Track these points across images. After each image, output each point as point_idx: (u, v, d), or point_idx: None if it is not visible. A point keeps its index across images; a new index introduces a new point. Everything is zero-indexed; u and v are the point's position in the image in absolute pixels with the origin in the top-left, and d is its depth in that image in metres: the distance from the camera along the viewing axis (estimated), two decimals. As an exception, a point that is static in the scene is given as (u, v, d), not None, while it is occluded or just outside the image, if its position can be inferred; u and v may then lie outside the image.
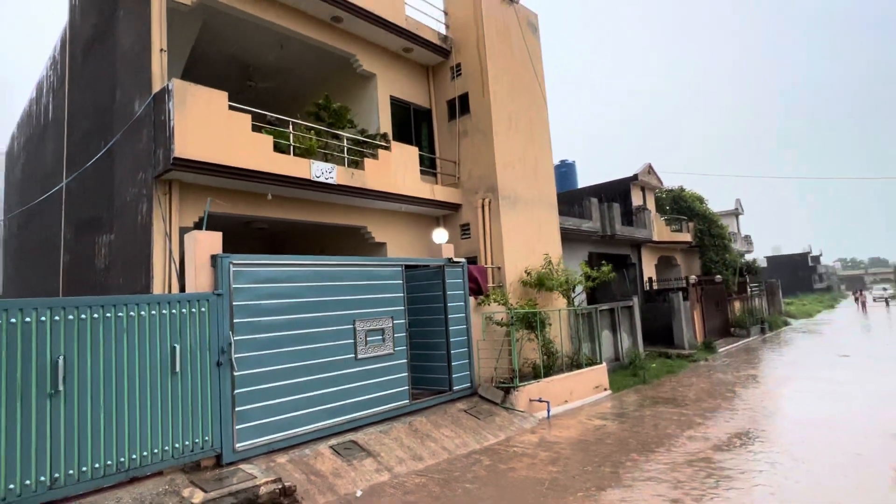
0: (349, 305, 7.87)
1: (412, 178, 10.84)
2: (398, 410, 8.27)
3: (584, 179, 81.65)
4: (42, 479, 5.29)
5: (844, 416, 8.91)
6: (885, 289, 57.14)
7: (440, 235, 10.16)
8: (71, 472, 5.44)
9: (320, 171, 9.03)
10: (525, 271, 11.65)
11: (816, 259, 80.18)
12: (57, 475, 5.37)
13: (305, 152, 9.08)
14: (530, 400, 9.73)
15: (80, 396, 5.58)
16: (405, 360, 8.47)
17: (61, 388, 5.44)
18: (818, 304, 45.57)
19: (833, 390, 11.14)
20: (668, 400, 11.09)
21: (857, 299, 39.33)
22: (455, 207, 12.02)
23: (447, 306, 9.52)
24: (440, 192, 11.57)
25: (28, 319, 5.38)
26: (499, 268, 11.42)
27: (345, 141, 10.05)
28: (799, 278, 67.66)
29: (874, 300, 53.51)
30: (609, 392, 11.99)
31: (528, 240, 12.22)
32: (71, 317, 5.59)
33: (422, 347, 9.59)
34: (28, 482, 5.23)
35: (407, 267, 9.09)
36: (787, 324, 28.01)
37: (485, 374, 10.06)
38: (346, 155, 9.91)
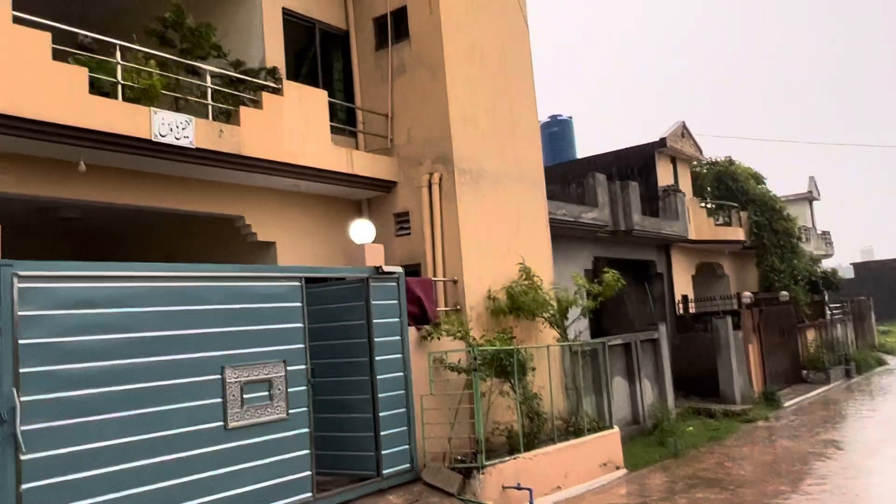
0: (215, 344, 7.76)
1: (318, 140, 10.85)
2: (295, 510, 8.18)
3: (587, 145, 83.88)
4: None
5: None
6: None
7: (363, 231, 10.19)
8: None
9: (168, 125, 8.87)
10: (489, 295, 11.82)
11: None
12: None
13: (143, 95, 8.91)
14: (504, 487, 9.82)
15: None
16: (306, 429, 8.48)
17: None
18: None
19: (944, 460, 11.91)
20: (712, 481, 11.52)
21: None
22: (387, 186, 12.10)
23: (373, 343, 9.57)
24: (363, 163, 11.63)
25: None
26: (455, 281, 11.57)
27: (208, 79, 9.92)
28: (899, 295, 72.17)
29: None
30: (624, 471, 12.33)
31: (500, 238, 12.45)
32: None
33: (334, 408, 9.58)
34: None
35: (309, 281, 9.05)
36: (882, 363, 29.75)
37: (433, 447, 10.12)
38: (210, 101, 9.78)
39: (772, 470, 12.18)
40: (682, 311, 21.99)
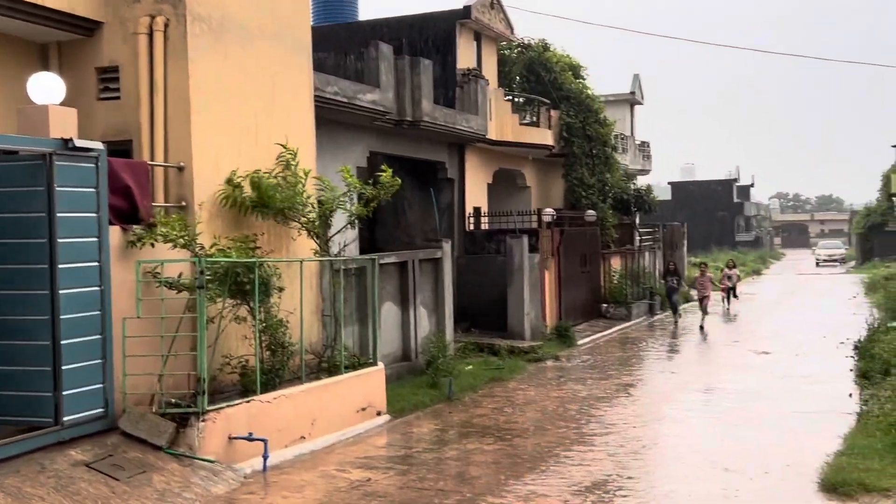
0: None
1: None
2: (-71, 469, 7.62)
3: (372, 5, 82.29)
4: None
5: (751, 450, 10.90)
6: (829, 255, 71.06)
7: (47, 87, 9.44)
8: None
9: None
10: (231, 181, 11.54)
11: (746, 191, 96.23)
12: None
13: None
14: (231, 438, 9.86)
15: None
16: (-51, 360, 7.81)
17: None
18: (740, 268, 54.86)
19: (741, 408, 13.60)
20: (488, 429, 12.24)
21: (723, 289, 32.40)
22: (87, 27, 11.29)
23: (56, 244, 9.07)
24: (50, -12, 10.63)
25: None
26: (181, 168, 11.10)
27: None
28: (717, 223, 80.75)
29: (818, 263, 68.16)
30: (387, 417, 12.76)
31: (247, 114, 12.09)
32: None
33: (-5, 332, 9.08)
34: None
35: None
36: (689, 299, 33.23)
37: (139, 387, 9.91)
38: None
39: (556, 416, 13.18)
40: (472, 227, 22.85)
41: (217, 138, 11.46)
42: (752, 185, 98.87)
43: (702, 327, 25.28)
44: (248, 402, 10.23)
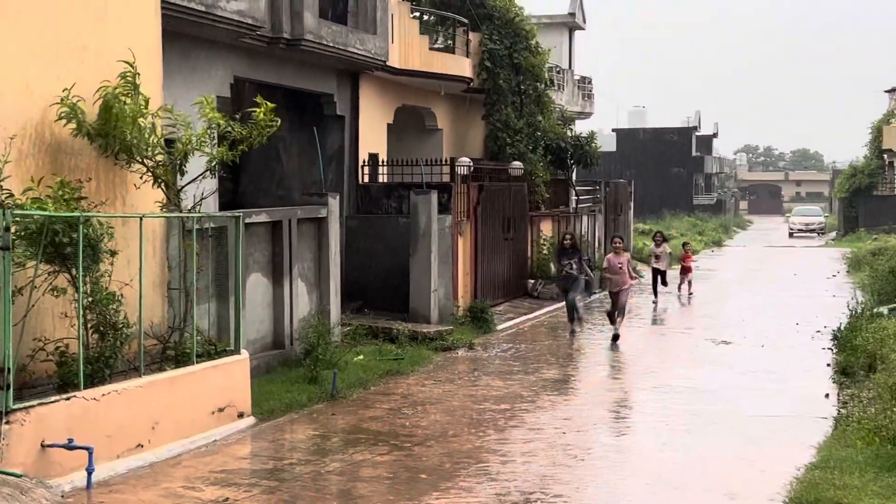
0: None
1: None
2: None
3: None
4: None
5: (706, 463, 11.16)
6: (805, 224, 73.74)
7: None
8: None
9: None
10: (67, 105, 11.17)
11: (708, 142, 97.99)
12: None
13: None
14: (45, 445, 9.66)
15: None
16: None
17: None
18: (697, 238, 56.08)
19: (694, 411, 13.86)
20: (381, 436, 12.22)
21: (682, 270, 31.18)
22: None
23: None
24: None
25: None
26: (-23, 91, 10.66)
27: None
28: (671, 181, 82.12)
29: (791, 234, 70.42)
30: (252, 420, 12.68)
31: (69, 24, 11.75)
32: None
33: None
34: None
35: None
36: (635, 274, 33.72)
37: None
38: None
39: (467, 420, 13.20)
40: (367, 179, 22.65)
41: (28, 56, 11.02)
42: (714, 136, 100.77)
43: (614, 339, 20.40)
44: (67, 399, 9.95)
